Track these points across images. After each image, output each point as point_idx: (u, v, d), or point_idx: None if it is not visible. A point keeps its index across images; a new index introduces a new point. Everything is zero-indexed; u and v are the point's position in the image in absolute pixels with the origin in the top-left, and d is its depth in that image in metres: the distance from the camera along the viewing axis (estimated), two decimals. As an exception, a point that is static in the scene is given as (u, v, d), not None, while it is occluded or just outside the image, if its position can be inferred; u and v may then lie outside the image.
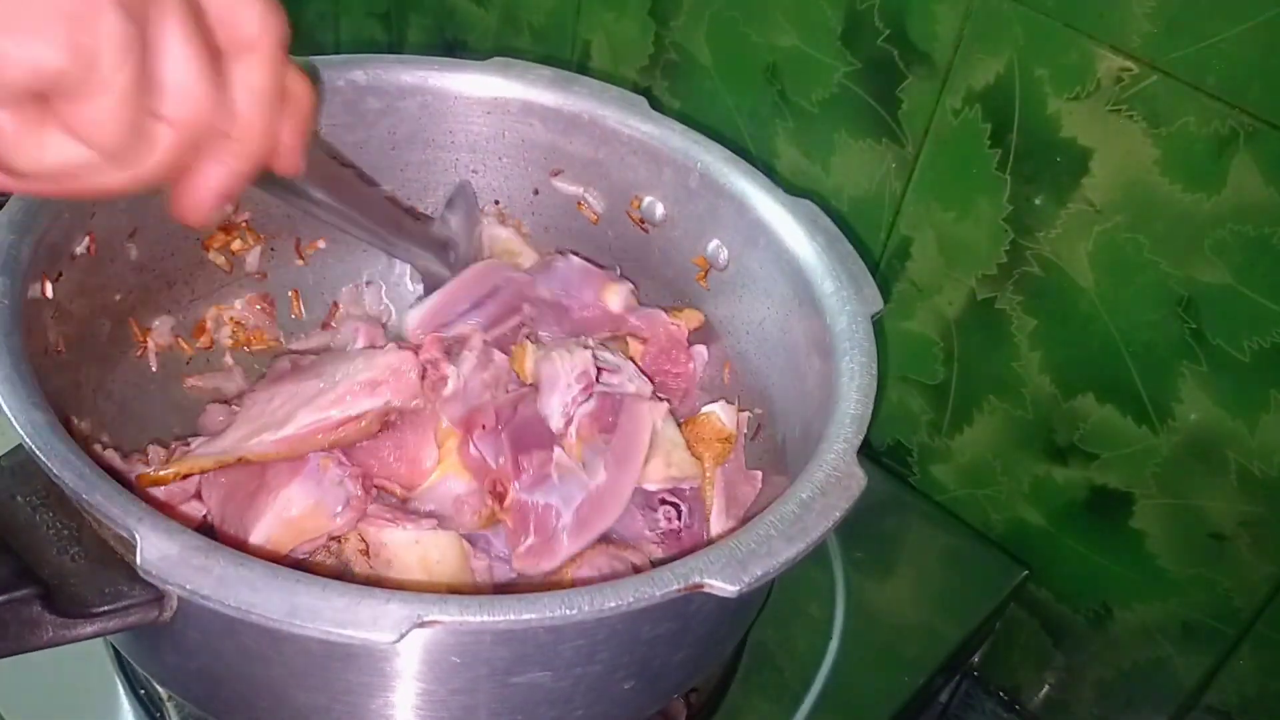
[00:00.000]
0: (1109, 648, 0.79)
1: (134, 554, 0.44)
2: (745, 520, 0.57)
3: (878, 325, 0.60)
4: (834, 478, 0.51)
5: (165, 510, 0.54)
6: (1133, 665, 0.78)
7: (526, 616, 0.44)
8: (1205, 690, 0.75)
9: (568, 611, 0.44)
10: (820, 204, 0.76)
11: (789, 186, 0.67)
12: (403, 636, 0.42)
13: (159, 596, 0.47)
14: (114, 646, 0.65)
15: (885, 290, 0.79)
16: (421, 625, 0.43)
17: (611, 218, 0.73)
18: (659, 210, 0.71)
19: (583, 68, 0.91)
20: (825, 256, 0.63)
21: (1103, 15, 0.63)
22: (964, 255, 0.75)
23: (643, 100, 0.71)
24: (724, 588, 0.46)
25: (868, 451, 0.86)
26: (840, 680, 0.71)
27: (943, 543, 0.82)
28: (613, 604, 0.45)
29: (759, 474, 0.67)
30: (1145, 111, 0.63)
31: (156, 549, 0.44)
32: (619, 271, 0.74)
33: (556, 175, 0.74)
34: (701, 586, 0.46)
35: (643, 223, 0.72)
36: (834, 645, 0.73)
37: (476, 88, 0.72)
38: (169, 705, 0.64)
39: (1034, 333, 0.73)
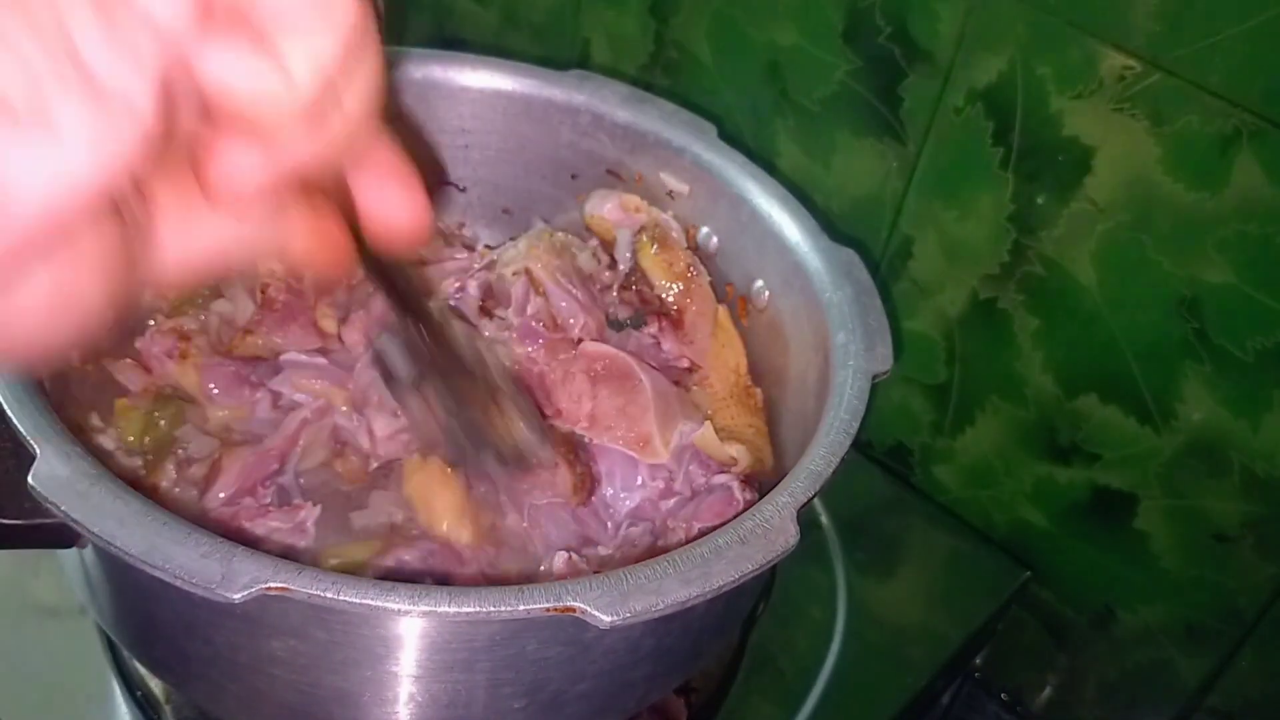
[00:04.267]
0: (1111, 649, 0.78)
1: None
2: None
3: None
4: (762, 529, 0.48)
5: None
6: (1135, 666, 0.78)
7: (378, 603, 0.43)
8: (1208, 692, 0.75)
9: (422, 605, 0.43)
10: (821, 203, 0.76)
11: (830, 231, 0.65)
12: (246, 597, 0.42)
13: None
14: (112, 649, 0.65)
15: (886, 290, 0.78)
16: (268, 590, 0.42)
17: None
18: (714, 242, 0.71)
19: (583, 65, 0.91)
20: (848, 307, 0.61)
21: (1105, 13, 0.62)
22: (966, 254, 0.74)
23: (712, 127, 0.70)
24: (598, 616, 0.43)
25: (869, 452, 0.86)
26: (842, 682, 0.70)
27: (944, 544, 0.81)
28: (471, 609, 0.43)
29: None
30: (1148, 110, 0.63)
31: (49, 468, 0.45)
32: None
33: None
34: (574, 610, 0.44)
35: (698, 251, 0.71)
36: (835, 647, 0.72)
37: (552, 96, 0.72)
38: (167, 708, 0.64)
39: (1036, 332, 0.73)
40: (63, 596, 0.66)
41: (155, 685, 0.64)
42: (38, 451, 0.46)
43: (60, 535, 0.47)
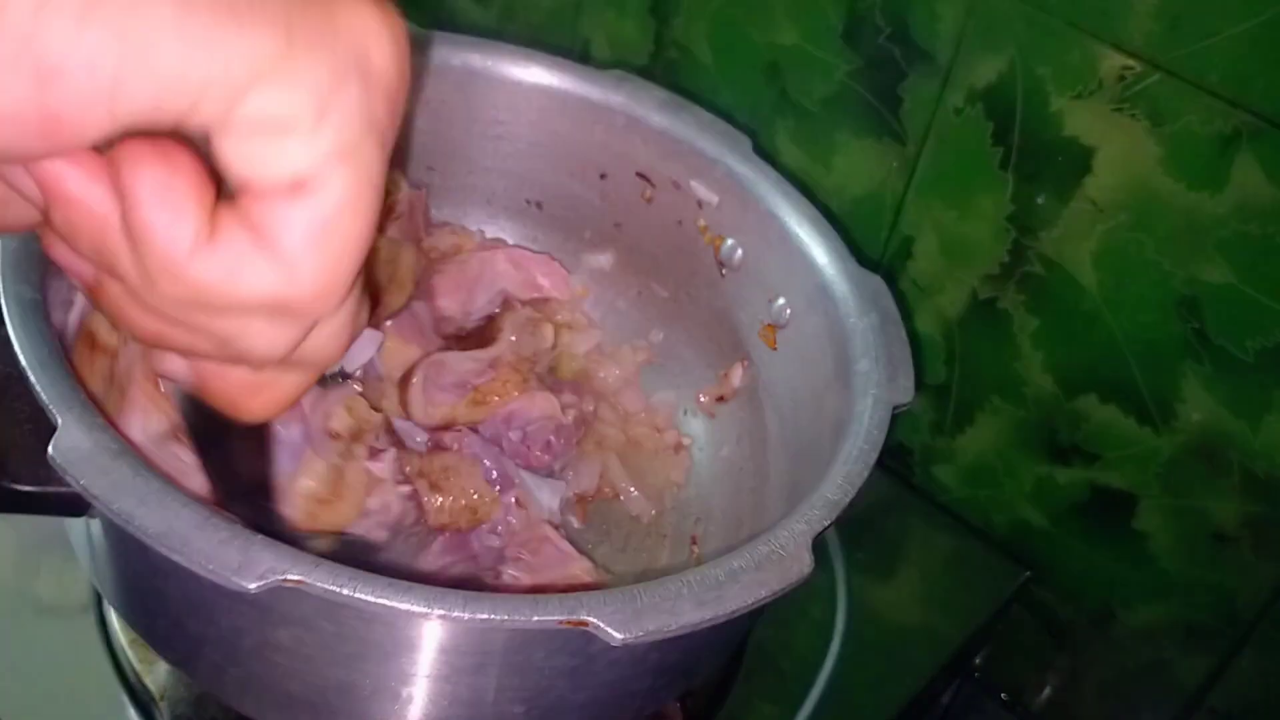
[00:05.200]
0: (1111, 649, 0.78)
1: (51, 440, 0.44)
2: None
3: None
4: (777, 555, 0.48)
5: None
6: (1135, 666, 0.78)
7: (394, 604, 0.43)
8: (1208, 692, 0.75)
9: (438, 609, 0.43)
10: (821, 203, 0.76)
11: (858, 258, 0.66)
12: (262, 587, 0.42)
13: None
14: (111, 648, 0.65)
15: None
16: (284, 582, 0.42)
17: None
18: (738, 254, 0.70)
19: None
20: (872, 335, 0.60)
21: (1105, 13, 0.62)
22: (966, 255, 0.74)
23: (747, 140, 0.70)
24: (610, 633, 0.43)
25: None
26: (841, 682, 0.70)
27: (944, 544, 0.81)
28: (485, 615, 0.43)
29: None
30: (1148, 110, 0.63)
31: (70, 440, 0.44)
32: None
33: (650, 201, 0.73)
34: (586, 624, 0.43)
35: (721, 265, 0.71)
36: (835, 647, 0.72)
37: (589, 95, 0.72)
38: (163, 704, 0.64)
39: (1036, 333, 0.73)
40: (64, 596, 0.66)
41: (151, 684, 0.64)
42: (59, 421, 0.44)
43: (73, 504, 0.46)
